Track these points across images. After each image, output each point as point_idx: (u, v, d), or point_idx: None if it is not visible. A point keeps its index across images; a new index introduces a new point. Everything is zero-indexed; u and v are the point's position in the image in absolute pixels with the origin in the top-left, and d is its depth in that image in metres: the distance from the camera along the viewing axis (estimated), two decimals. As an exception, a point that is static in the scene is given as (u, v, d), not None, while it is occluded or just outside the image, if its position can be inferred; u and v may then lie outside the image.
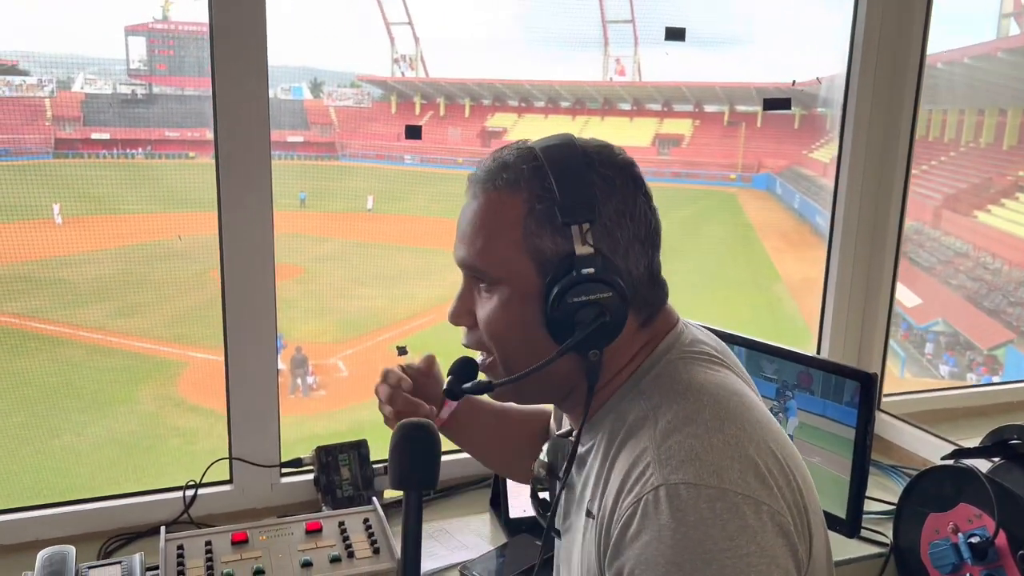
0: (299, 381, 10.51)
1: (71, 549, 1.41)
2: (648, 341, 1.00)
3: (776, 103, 2.12)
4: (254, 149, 1.64)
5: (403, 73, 24.21)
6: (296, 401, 10.46)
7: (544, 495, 1.14)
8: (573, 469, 1.04)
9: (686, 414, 0.90)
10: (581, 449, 1.03)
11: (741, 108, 23.82)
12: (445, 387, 1.04)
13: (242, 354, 1.70)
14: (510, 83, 24.70)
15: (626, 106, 25.21)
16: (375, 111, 23.95)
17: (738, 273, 16.14)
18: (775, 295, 14.81)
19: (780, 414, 1.65)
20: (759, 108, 23.35)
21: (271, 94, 1.68)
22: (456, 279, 1.03)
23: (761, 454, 0.88)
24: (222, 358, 1.72)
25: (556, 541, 1.13)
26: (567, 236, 0.92)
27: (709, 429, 0.89)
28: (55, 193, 16.77)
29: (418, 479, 0.89)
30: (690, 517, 0.82)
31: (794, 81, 2.47)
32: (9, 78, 20.37)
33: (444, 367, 1.11)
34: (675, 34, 1.82)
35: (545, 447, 1.14)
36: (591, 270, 0.91)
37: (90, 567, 1.42)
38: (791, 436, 1.62)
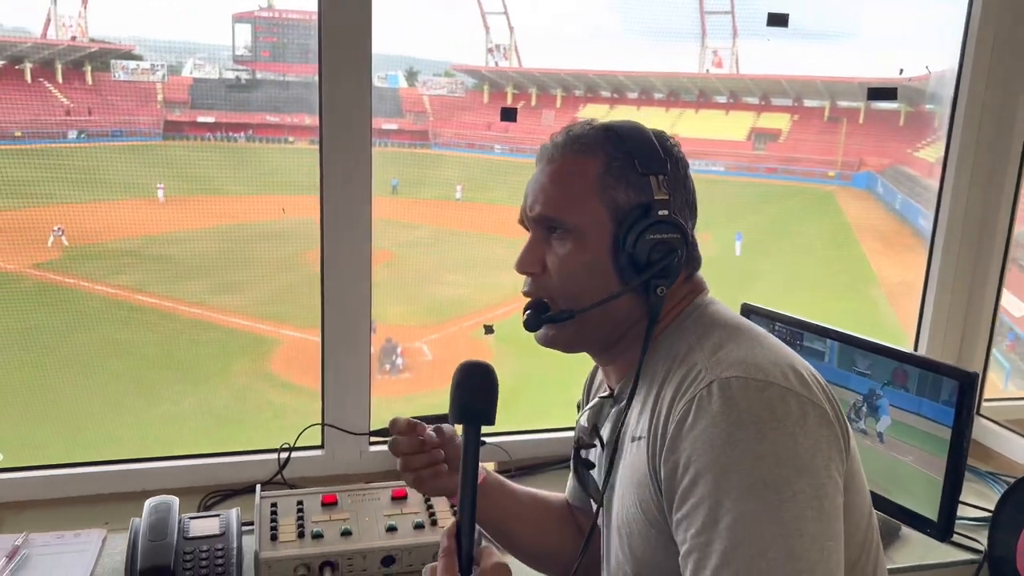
0: (387, 366, 10.74)
1: (175, 499, 1.50)
2: (689, 292, 1.10)
3: (881, 93, 2.05)
4: (356, 135, 1.70)
5: (496, 63, 24.34)
6: (382, 381, 10.70)
7: (586, 454, 1.18)
8: (614, 428, 1.09)
9: (728, 335, 1.02)
10: (621, 405, 1.09)
11: (843, 103, 22.97)
12: (524, 319, 1.08)
13: (338, 328, 1.78)
14: (603, 74, 24.50)
15: (722, 99, 24.66)
16: (468, 100, 24.17)
17: (832, 274, 15.61)
18: (871, 298, 14.27)
19: (869, 414, 1.61)
20: (862, 103, 22.42)
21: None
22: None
23: (797, 363, 0.98)
24: (313, 337, 1.80)
25: (598, 508, 1.15)
26: (641, 188, 1.04)
27: (752, 344, 1.00)
28: (162, 173, 17.62)
29: (477, 414, 0.97)
30: (741, 403, 0.91)
31: (901, 70, 2.37)
32: (125, 62, 21.47)
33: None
34: (778, 19, 1.79)
35: (587, 408, 1.17)
36: (666, 212, 1.03)
37: (191, 517, 1.51)
38: (880, 436, 1.58)
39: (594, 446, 1.16)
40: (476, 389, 0.98)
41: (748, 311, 1.76)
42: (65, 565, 1.45)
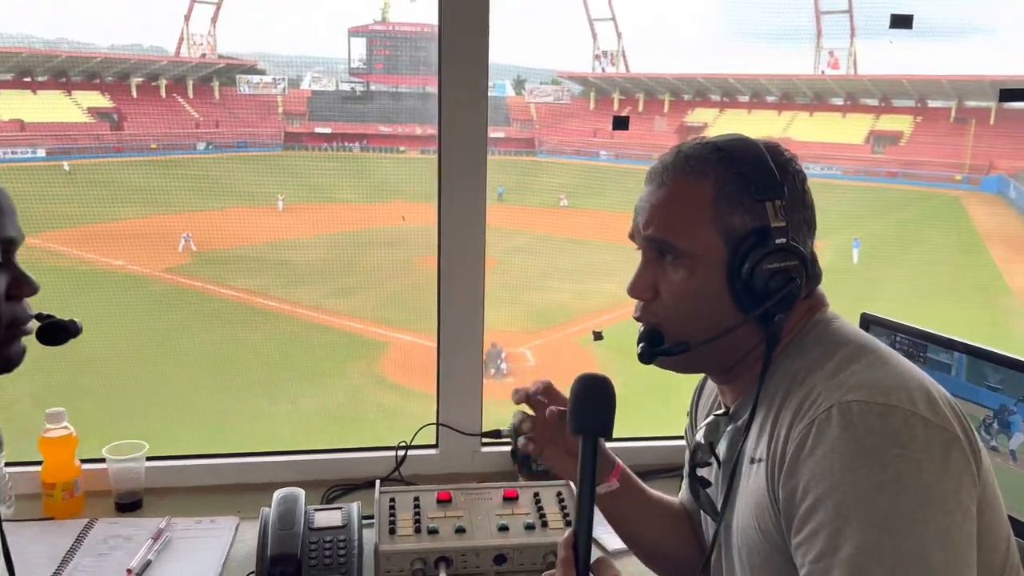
0: (492, 370, 10.89)
1: (301, 492, 1.59)
2: (810, 308, 1.06)
3: (1015, 94, 1.95)
4: (473, 144, 1.75)
5: (603, 69, 24.29)
6: (487, 385, 10.84)
7: (702, 472, 1.16)
8: (731, 447, 1.07)
9: (850, 355, 0.97)
10: (738, 424, 1.07)
11: (971, 103, 21.71)
12: (639, 352, 1.06)
13: (453, 331, 1.84)
14: (712, 77, 24.04)
15: (838, 101, 23.76)
16: (573, 107, 24.23)
17: (960, 284, 14.76)
18: (1001, 309, 13.42)
19: (1000, 431, 1.53)
20: (993, 103, 21.09)
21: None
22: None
23: (925, 383, 0.94)
24: (421, 340, 1.86)
25: (718, 527, 1.13)
26: (756, 212, 1.00)
27: (874, 365, 0.96)
28: (282, 182, 18.49)
29: (595, 426, 0.98)
30: (861, 429, 0.87)
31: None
32: (249, 77, 22.68)
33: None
34: (902, 21, 1.73)
35: (702, 425, 1.15)
36: (784, 240, 0.99)
37: (316, 509, 1.59)
38: (1013, 453, 1.50)
39: (709, 464, 1.14)
40: (595, 402, 0.99)
41: (868, 322, 1.71)
42: (203, 549, 1.56)
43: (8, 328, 0.95)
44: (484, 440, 1.88)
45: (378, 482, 1.65)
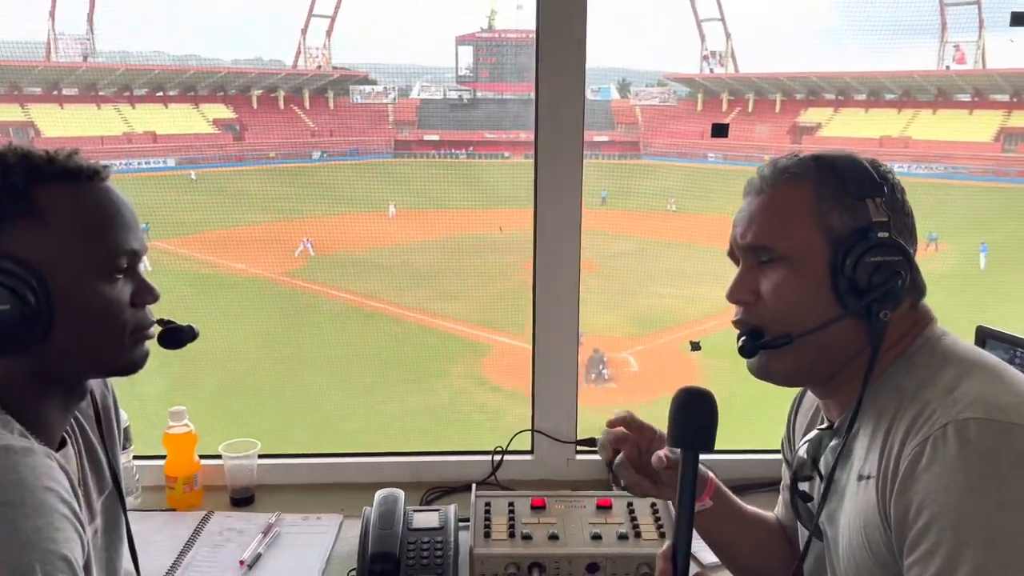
0: (593, 375, 10.85)
1: (401, 493, 1.64)
2: (916, 323, 1.03)
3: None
4: (569, 149, 1.77)
5: (712, 70, 23.81)
6: (587, 390, 10.83)
7: (804, 486, 1.14)
8: (837, 463, 1.05)
9: (964, 371, 0.95)
10: (844, 438, 1.04)
11: (1117, 96, 20.05)
12: (740, 345, 1.05)
13: (547, 338, 1.86)
14: (827, 75, 23.16)
15: (964, 97, 22.43)
16: (680, 109, 23.86)
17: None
18: None
19: None
20: None
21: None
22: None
23: None
24: (523, 343, 1.88)
25: (819, 543, 1.11)
26: (857, 212, 0.99)
27: (990, 379, 0.93)
28: (392, 189, 19.03)
29: (697, 440, 0.98)
30: (979, 447, 0.85)
31: None
32: (362, 87, 23.48)
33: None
34: (1021, 19, 1.62)
35: (805, 440, 1.13)
36: (886, 234, 0.98)
37: (415, 510, 1.65)
38: None
39: (811, 478, 1.12)
40: (697, 415, 0.99)
41: (985, 335, 1.62)
42: (309, 544, 1.64)
43: (132, 334, 1.02)
44: (579, 448, 1.89)
45: (474, 486, 1.69)
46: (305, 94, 23.42)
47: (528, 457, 1.91)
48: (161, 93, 21.98)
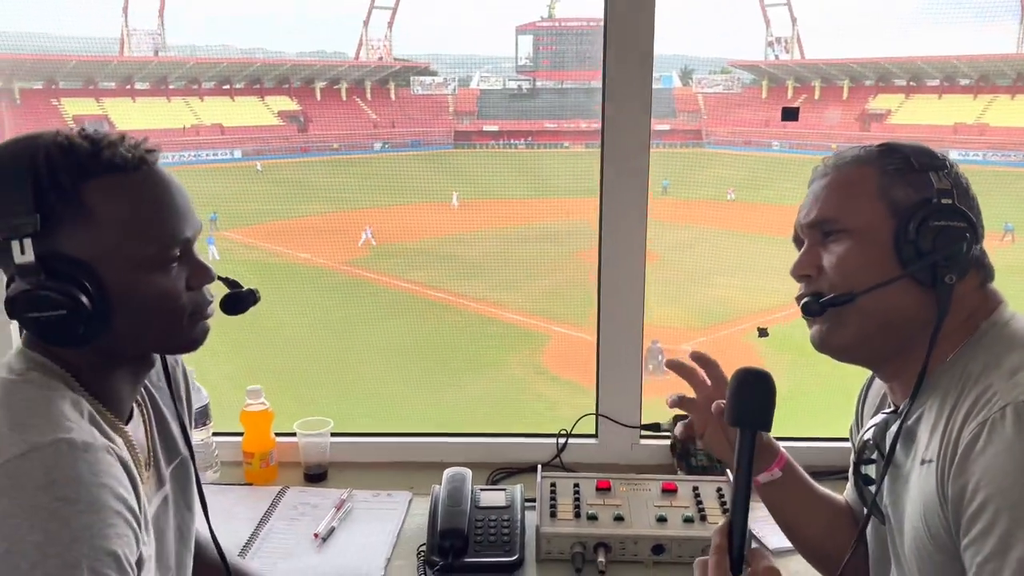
0: (651, 366, 10.77)
1: (469, 472, 1.69)
2: (983, 303, 1.03)
3: None
4: (636, 138, 1.77)
5: (777, 56, 23.27)
6: (646, 382, 10.74)
7: (867, 471, 1.14)
8: (899, 447, 1.05)
9: None
10: (909, 422, 1.04)
11: None
12: (804, 303, 1.06)
13: (612, 324, 1.87)
14: (898, 60, 22.39)
15: (1047, 81, 21.43)
16: (744, 97, 23.39)
17: None
18: None
19: None
20: None
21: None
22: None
23: None
24: (582, 333, 1.90)
25: (882, 527, 1.11)
26: (921, 184, 1.01)
27: None
28: (452, 179, 19.17)
29: (754, 419, 0.99)
30: None
31: None
32: (423, 78, 23.67)
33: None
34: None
35: (871, 424, 1.12)
36: (949, 201, 0.99)
37: (482, 489, 1.69)
38: None
39: (875, 462, 1.13)
40: (755, 395, 1.00)
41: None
42: (380, 520, 1.69)
43: (191, 316, 1.03)
44: (643, 433, 1.90)
45: (540, 467, 1.72)
46: (367, 85, 23.71)
47: (592, 441, 1.93)
48: (228, 86, 22.53)
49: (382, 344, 11.72)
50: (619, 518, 1.55)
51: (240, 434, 1.86)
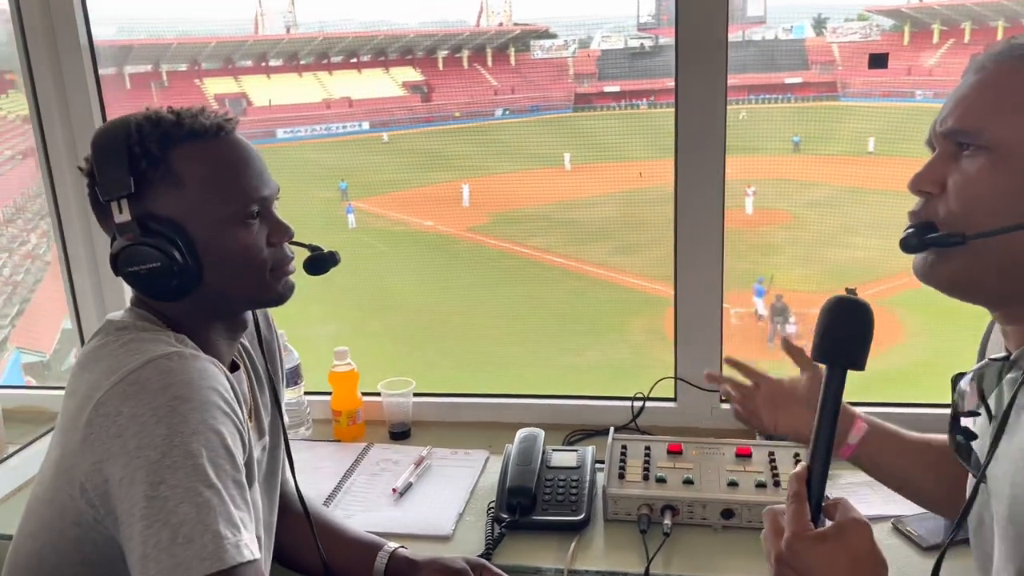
0: (778, 328, 10.40)
1: (541, 432, 1.71)
2: None
3: None
4: (710, 94, 1.72)
5: (921, -2, 21.57)
6: (775, 348, 10.39)
7: (967, 423, 1.00)
8: (1007, 397, 0.91)
9: None
10: (1019, 373, 0.90)
11: None
12: (904, 238, 0.92)
13: (689, 286, 1.84)
14: (1063, -5, 20.25)
15: None
16: (883, 44, 21.82)
17: None
18: None
19: None
20: None
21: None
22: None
23: None
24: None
25: (976, 484, 0.96)
26: None
27: None
28: (569, 143, 19.05)
29: (846, 355, 0.88)
30: None
31: None
32: (542, 42, 23.51)
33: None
34: None
35: (972, 370, 0.99)
36: None
37: (554, 449, 1.71)
38: None
39: (978, 414, 0.98)
40: (850, 327, 0.88)
41: None
42: (456, 476, 1.74)
43: (273, 271, 1.14)
44: (723, 397, 1.86)
45: (612, 429, 1.72)
46: (488, 52, 23.81)
47: (671, 404, 1.92)
48: (355, 59, 23.21)
49: (504, 310, 11.92)
50: (688, 481, 1.54)
51: (330, 393, 1.96)
